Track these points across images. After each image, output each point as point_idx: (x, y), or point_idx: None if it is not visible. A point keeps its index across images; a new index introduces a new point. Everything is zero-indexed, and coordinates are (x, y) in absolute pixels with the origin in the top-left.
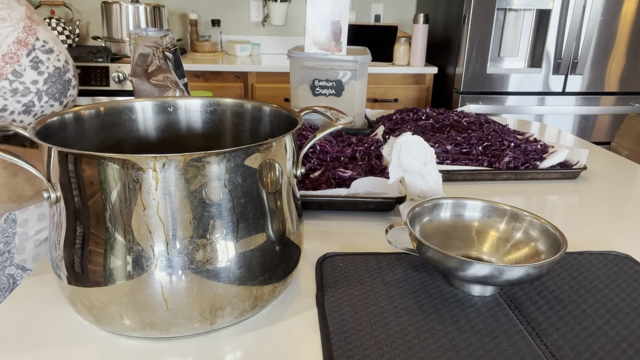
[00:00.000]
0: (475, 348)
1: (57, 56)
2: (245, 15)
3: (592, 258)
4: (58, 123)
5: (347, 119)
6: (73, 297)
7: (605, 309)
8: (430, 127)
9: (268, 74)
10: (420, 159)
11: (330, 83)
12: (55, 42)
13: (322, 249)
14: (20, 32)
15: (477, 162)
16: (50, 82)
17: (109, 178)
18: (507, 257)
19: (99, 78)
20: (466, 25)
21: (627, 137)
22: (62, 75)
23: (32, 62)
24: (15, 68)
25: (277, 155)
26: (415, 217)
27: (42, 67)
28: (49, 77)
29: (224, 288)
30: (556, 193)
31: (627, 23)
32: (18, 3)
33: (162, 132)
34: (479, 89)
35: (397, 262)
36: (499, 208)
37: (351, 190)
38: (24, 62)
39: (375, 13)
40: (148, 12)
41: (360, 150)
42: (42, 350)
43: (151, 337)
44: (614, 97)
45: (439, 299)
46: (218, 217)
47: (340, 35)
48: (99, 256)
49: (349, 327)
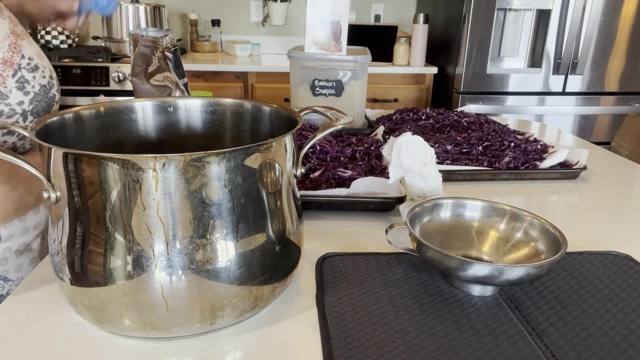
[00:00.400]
0: (475, 348)
1: (42, 73)
2: (245, 15)
3: (592, 258)
4: (58, 123)
5: (347, 119)
6: (73, 297)
7: (605, 309)
8: (430, 127)
9: (268, 74)
10: (420, 159)
11: (330, 83)
12: (39, 56)
13: (322, 249)
14: (6, 52)
15: (477, 162)
16: (36, 101)
17: (109, 178)
18: (507, 257)
19: (99, 78)
20: (466, 25)
21: (627, 137)
22: (47, 93)
23: (17, 83)
24: (0, 90)
25: (277, 155)
26: (415, 217)
27: (27, 86)
28: (35, 96)
29: (224, 288)
30: (556, 193)
31: (627, 23)
32: (1, 17)
33: (162, 132)
34: (479, 89)
35: (397, 262)
36: (499, 208)
37: (351, 190)
38: (9, 84)
39: (375, 13)
40: (148, 12)
41: (360, 150)
42: (42, 350)
43: (151, 337)
44: (614, 97)
45: (439, 299)
46: (218, 217)
47: (340, 35)
48: (99, 256)
49: (349, 327)
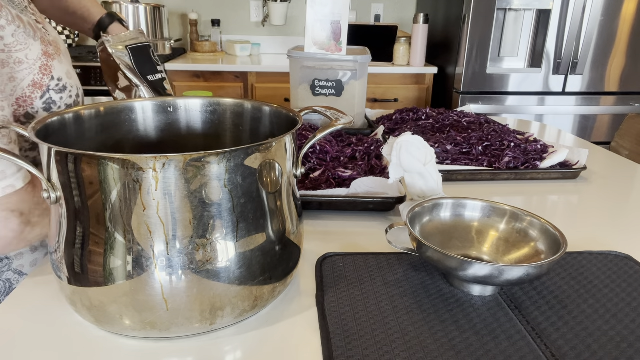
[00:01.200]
0: (475, 348)
1: (70, 92)
2: (245, 15)
3: (592, 258)
4: (58, 123)
5: (347, 119)
6: (73, 297)
7: (605, 309)
8: (430, 127)
9: (268, 74)
10: (420, 159)
11: (330, 83)
12: (68, 75)
13: (322, 249)
14: (37, 74)
15: (477, 162)
16: None
17: (109, 178)
18: (507, 257)
19: (99, 78)
20: (466, 25)
21: (627, 137)
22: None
23: (44, 104)
24: (28, 111)
25: (277, 155)
26: (415, 217)
27: (54, 107)
28: None
29: (224, 288)
30: (556, 193)
31: (627, 23)
32: (34, 39)
33: (162, 132)
34: (479, 89)
35: (397, 262)
36: (499, 208)
37: (351, 190)
38: (37, 105)
39: (375, 13)
40: (148, 12)
41: (360, 150)
42: (42, 350)
43: (151, 337)
44: (614, 97)
45: (439, 299)
46: (218, 217)
47: (340, 35)
48: (99, 256)
49: (349, 327)
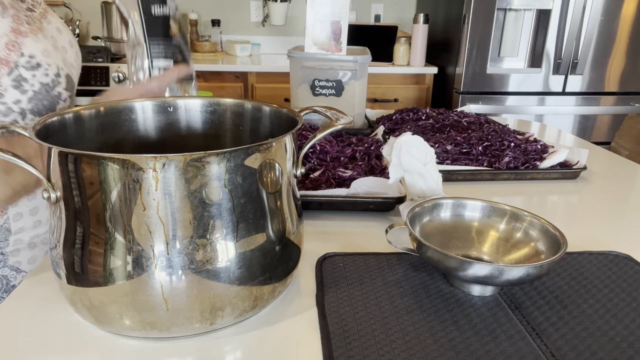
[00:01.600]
0: (475, 348)
1: (46, 71)
2: (245, 15)
3: (592, 258)
4: (58, 123)
5: (347, 119)
6: (73, 297)
7: (605, 309)
8: (430, 127)
9: (268, 74)
10: (420, 159)
11: (330, 83)
12: (45, 54)
13: (322, 249)
14: (1, 50)
15: (477, 162)
16: (36, 99)
17: (109, 178)
18: (507, 257)
19: (99, 78)
20: (466, 25)
21: (627, 137)
22: (50, 91)
23: (14, 82)
24: None
25: (277, 155)
26: (415, 217)
27: (25, 85)
28: (35, 94)
29: (224, 288)
30: (556, 193)
31: (627, 23)
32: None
33: (162, 132)
34: (479, 89)
35: (397, 262)
36: (499, 208)
37: (351, 190)
38: (4, 82)
39: (375, 13)
40: None
41: (360, 150)
42: (42, 350)
43: (151, 337)
44: (614, 97)
45: (439, 299)
46: (218, 217)
47: (340, 35)
48: (99, 256)
49: (349, 327)
